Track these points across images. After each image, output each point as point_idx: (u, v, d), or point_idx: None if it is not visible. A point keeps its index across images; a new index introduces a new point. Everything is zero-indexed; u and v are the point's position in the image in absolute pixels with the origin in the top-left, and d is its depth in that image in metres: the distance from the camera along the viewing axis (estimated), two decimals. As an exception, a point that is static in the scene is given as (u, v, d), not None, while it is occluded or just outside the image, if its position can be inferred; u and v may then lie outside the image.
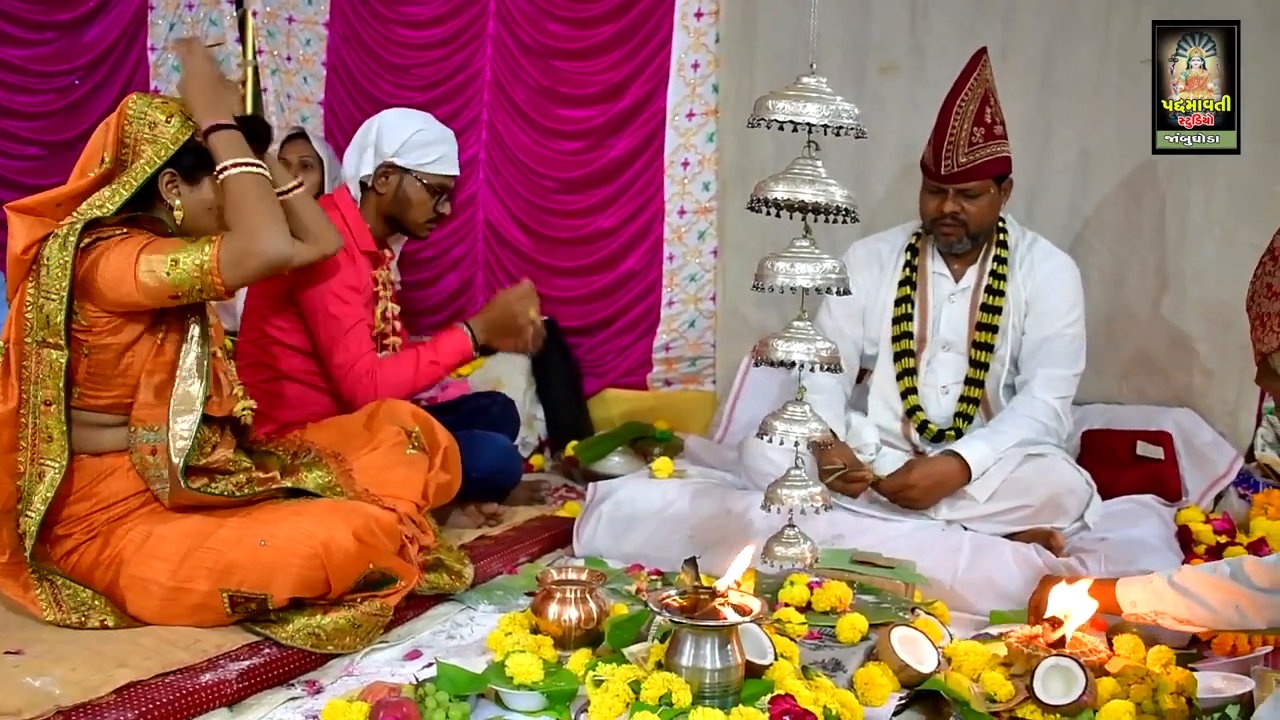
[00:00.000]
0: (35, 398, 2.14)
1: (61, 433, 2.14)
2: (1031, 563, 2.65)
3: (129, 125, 2.20)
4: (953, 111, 2.93)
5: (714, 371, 4.24)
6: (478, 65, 4.35)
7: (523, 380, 4.17)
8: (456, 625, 2.48)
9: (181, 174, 2.24)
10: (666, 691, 1.86)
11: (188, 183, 2.26)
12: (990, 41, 3.12)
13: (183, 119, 2.23)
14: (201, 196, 2.27)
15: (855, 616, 2.29)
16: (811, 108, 1.94)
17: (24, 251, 2.14)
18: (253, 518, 2.22)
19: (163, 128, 2.21)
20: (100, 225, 2.15)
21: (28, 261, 2.14)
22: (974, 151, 2.92)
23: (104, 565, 2.19)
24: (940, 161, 2.94)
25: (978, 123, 2.92)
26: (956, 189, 2.96)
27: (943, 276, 3.13)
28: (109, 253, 2.13)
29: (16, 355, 2.15)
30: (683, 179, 4.17)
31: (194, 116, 2.25)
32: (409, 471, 2.66)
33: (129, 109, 2.21)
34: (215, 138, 2.23)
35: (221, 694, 1.99)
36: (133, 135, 2.20)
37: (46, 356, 2.13)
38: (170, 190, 2.24)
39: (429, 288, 4.35)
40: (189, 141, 2.22)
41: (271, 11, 4.55)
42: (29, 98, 4.67)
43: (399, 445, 2.70)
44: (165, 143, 2.20)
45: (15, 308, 2.15)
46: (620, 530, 2.98)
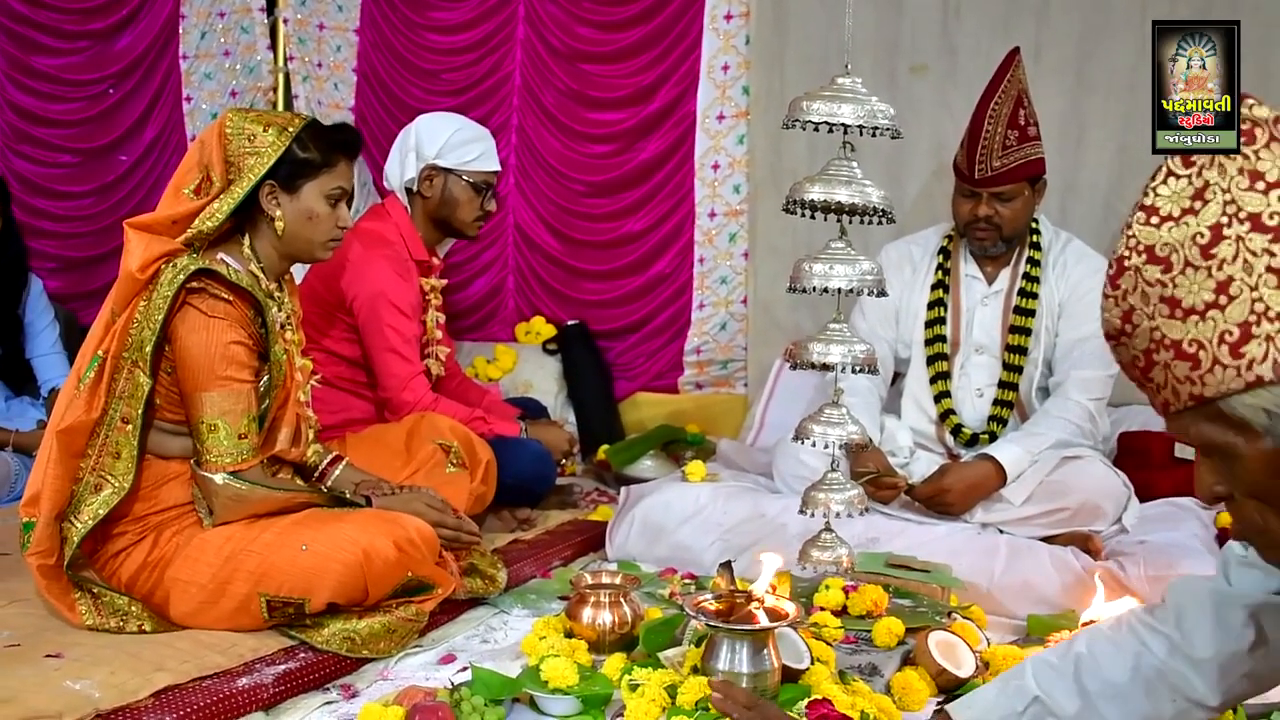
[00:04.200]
0: (115, 412, 2.16)
1: (131, 453, 2.15)
2: (1069, 566, 2.62)
3: (230, 143, 2.21)
4: (986, 115, 2.90)
5: (745, 374, 4.22)
6: (507, 70, 4.35)
7: (554, 384, 4.18)
8: (490, 629, 2.48)
9: (280, 184, 2.26)
10: (703, 696, 1.85)
11: (287, 192, 2.27)
12: (1023, 40, 3.10)
13: (279, 129, 2.25)
14: (302, 206, 2.29)
15: (891, 620, 2.27)
16: (847, 108, 1.93)
17: (141, 269, 2.14)
18: (296, 523, 2.22)
19: (261, 138, 2.22)
20: (213, 277, 2.15)
21: (144, 280, 2.15)
22: (1007, 155, 2.89)
23: (149, 567, 2.20)
24: (974, 166, 2.92)
25: (1011, 125, 2.89)
26: (990, 192, 2.94)
27: (975, 279, 3.10)
28: (194, 335, 2.14)
29: (111, 368, 2.15)
30: (713, 181, 4.16)
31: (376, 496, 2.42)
32: (451, 491, 2.67)
33: (227, 127, 2.22)
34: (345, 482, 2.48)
35: (258, 698, 2.00)
36: (236, 152, 2.21)
37: (135, 377, 2.14)
38: (270, 201, 2.26)
39: (460, 292, 4.36)
40: (286, 152, 2.24)
41: (302, 19, 4.57)
42: (62, 106, 4.71)
43: (439, 465, 2.72)
44: (266, 152, 2.22)
45: (123, 322, 2.15)
46: (653, 534, 2.97)
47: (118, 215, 4.30)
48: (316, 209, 2.30)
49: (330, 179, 2.31)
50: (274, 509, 2.23)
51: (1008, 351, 3.04)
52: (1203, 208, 1.12)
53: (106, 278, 3.38)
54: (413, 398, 2.97)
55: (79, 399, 2.14)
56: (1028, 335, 3.02)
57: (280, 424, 2.32)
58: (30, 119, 4.70)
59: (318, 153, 2.28)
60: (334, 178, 2.32)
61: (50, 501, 2.12)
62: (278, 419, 2.31)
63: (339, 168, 2.33)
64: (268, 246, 2.31)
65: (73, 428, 2.13)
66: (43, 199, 4.70)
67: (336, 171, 2.32)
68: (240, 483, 2.18)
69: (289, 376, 2.33)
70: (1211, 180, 1.13)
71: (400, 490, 2.49)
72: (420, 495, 2.47)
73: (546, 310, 4.39)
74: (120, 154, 4.70)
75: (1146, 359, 1.16)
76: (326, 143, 2.31)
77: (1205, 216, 1.12)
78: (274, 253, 2.31)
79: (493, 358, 4.24)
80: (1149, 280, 1.14)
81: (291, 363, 2.35)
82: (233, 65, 4.62)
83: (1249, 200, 1.10)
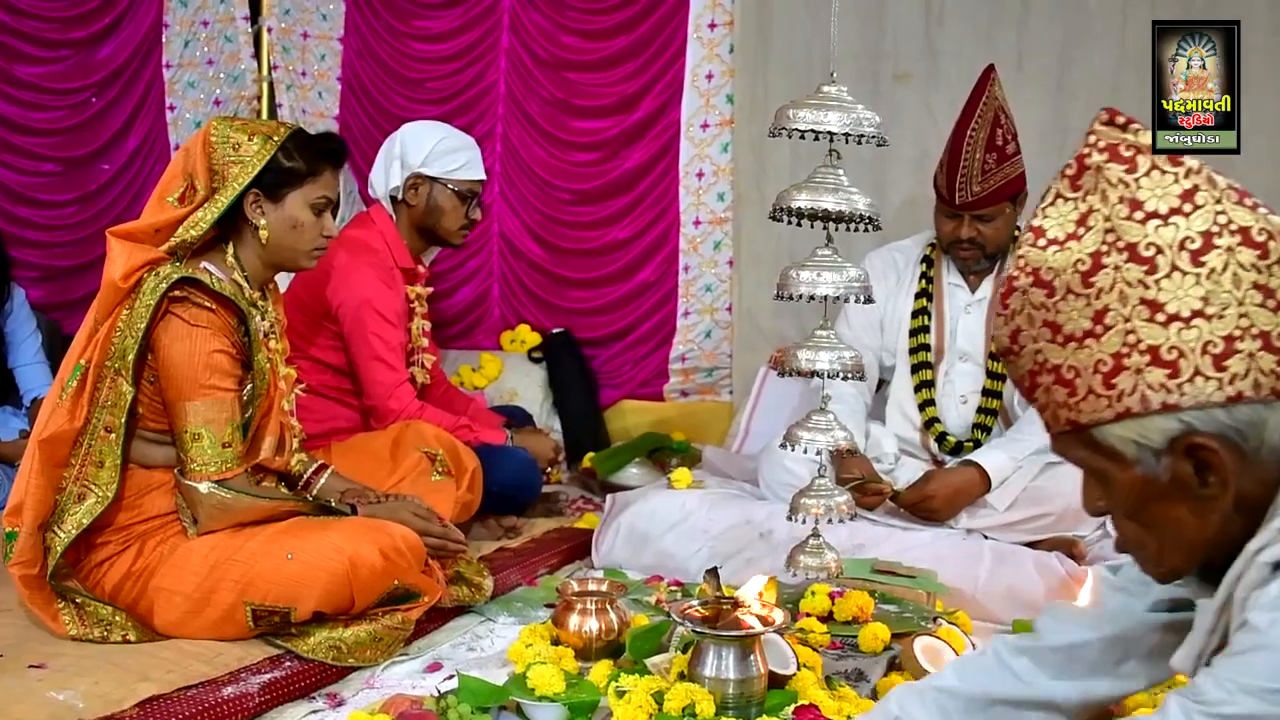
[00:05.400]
0: (98, 422, 2.15)
1: (114, 462, 2.14)
2: (1054, 571, 2.64)
3: (215, 152, 2.21)
4: (964, 141, 2.91)
5: (730, 382, 4.22)
6: (492, 78, 4.35)
7: (539, 392, 4.17)
8: (477, 637, 2.48)
9: (265, 193, 2.25)
10: (690, 702, 1.85)
11: (271, 201, 2.27)
12: (1005, 48, 3.12)
13: (264, 138, 2.24)
14: (286, 214, 2.28)
15: (878, 626, 2.27)
16: (833, 116, 1.94)
17: (124, 278, 2.13)
18: (281, 532, 2.22)
19: (246, 147, 2.22)
20: (196, 285, 2.14)
21: (126, 289, 2.14)
22: (987, 179, 2.90)
23: (133, 577, 2.19)
24: (955, 192, 2.93)
25: (989, 149, 2.90)
26: (972, 215, 2.96)
27: (959, 288, 3.13)
28: (178, 344, 2.14)
29: (94, 377, 2.15)
30: (698, 190, 4.16)
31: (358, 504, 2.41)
32: (436, 499, 2.66)
33: (212, 135, 2.22)
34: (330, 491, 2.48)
35: (243, 707, 1.99)
36: (220, 160, 2.21)
37: (118, 386, 2.13)
38: (255, 210, 2.26)
39: (445, 300, 4.35)
40: (271, 161, 2.23)
41: (286, 27, 4.56)
42: (44, 114, 4.68)
43: (424, 473, 2.71)
44: (250, 160, 2.21)
45: (105, 331, 2.15)
46: (639, 541, 2.97)
47: (100, 224, 4.27)
48: (301, 218, 2.29)
49: (315, 188, 2.30)
50: (259, 518, 2.23)
51: (991, 359, 3.06)
52: (1085, 234, 1.13)
53: (89, 287, 3.36)
54: (398, 405, 2.97)
55: (61, 408, 2.13)
56: None
57: (264, 433, 2.31)
58: (12, 128, 4.67)
59: (303, 162, 2.28)
60: (319, 187, 2.31)
61: (33, 512, 2.11)
62: (261, 428, 2.30)
63: (324, 177, 2.32)
64: (252, 255, 2.30)
65: (55, 437, 2.12)
66: (25, 208, 4.67)
67: (321, 181, 2.32)
68: (225, 491, 2.17)
69: (272, 385, 2.32)
70: (1095, 206, 1.13)
71: (386, 499, 2.49)
72: (406, 504, 2.46)
73: (531, 318, 4.39)
74: (103, 163, 4.67)
75: (1031, 380, 1.18)
76: (311, 152, 2.31)
77: (1086, 243, 1.12)
78: (258, 261, 2.31)
79: (478, 366, 4.23)
80: (1034, 303, 1.15)
81: (275, 371, 2.34)
82: (216, 74, 4.60)
83: (1127, 230, 1.10)
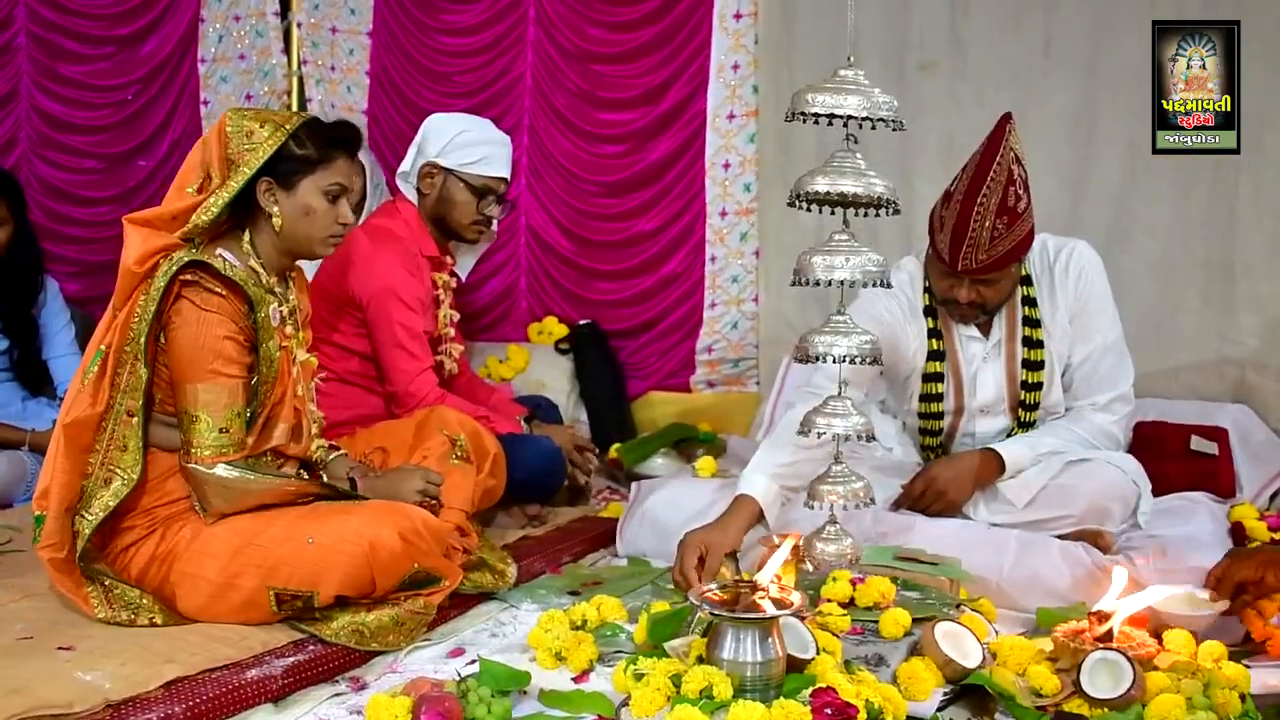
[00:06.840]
0: (120, 406, 2.17)
1: (137, 445, 2.17)
2: (1080, 561, 2.60)
3: (230, 141, 2.23)
4: (974, 209, 2.60)
5: (757, 373, 4.22)
6: (518, 71, 4.38)
7: (566, 383, 4.19)
8: (500, 624, 2.49)
9: (277, 180, 2.27)
10: (707, 685, 1.85)
11: (284, 188, 2.28)
12: (1033, 34, 3.09)
13: (275, 125, 2.26)
14: (299, 201, 2.29)
15: (898, 611, 2.26)
16: (850, 100, 1.92)
17: (139, 263, 2.16)
18: (302, 516, 2.24)
19: (258, 134, 2.23)
20: (206, 269, 2.17)
21: (141, 274, 2.17)
22: (995, 245, 2.62)
23: (158, 561, 2.22)
24: (958, 259, 2.65)
25: (1000, 214, 2.59)
26: (974, 279, 2.73)
27: (973, 339, 2.90)
28: (187, 327, 2.16)
29: (114, 362, 2.17)
30: (724, 180, 4.17)
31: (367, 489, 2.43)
32: (454, 483, 2.65)
33: (228, 125, 2.24)
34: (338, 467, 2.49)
35: (267, 690, 2.01)
36: (235, 149, 2.23)
37: (137, 370, 2.16)
38: (268, 197, 2.27)
39: (473, 293, 4.38)
40: (282, 148, 2.25)
41: (315, 22, 4.61)
42: (87, 112, 4.76)
43: (444, 456, 2.71)
44: (261, 147, 2.22)
45: (124, 316, 2.17)
46: (663, 529, 2.96)
47: (135, 220, 4.33)
48: (314, 205, 2.30)
49: (327, 175, 2.31)
50: (270, 500, 2.24)
51: (1020, 409, 2.90)
52: None
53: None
54: (419, 393, 2.98)
55: (84, 393, 2.16)
56: (1038, 390, 2.87)
57: (276, 419, 2.32)
58: (57, 125, 4.76)
59: (314, 149, 2.29)
60: (331, 174, 2.32)
61: (58, 495, 2.14)
62: (274, 415, 2.32)
63: (337, 164, 2.33)
64: (267, 242, 2.32)
65: (79, 421, 2.15)
66: (66, 204, 4.75)
67: (334, 168, 2.33)
68: (228, 470, 2.19)
69: (284, 372, 2.33)
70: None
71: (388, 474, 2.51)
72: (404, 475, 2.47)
73: (559, 310, 4.41)
74: (141, 159, 4.74)
75: None
76: (323, 139, 2.32)
77: None
78: (273, 249, 2.33)
79: (505, 357, 4.26)
80: None
81: (289, 359, 2.35)
82: (248, 69, 4.66)
83: None
